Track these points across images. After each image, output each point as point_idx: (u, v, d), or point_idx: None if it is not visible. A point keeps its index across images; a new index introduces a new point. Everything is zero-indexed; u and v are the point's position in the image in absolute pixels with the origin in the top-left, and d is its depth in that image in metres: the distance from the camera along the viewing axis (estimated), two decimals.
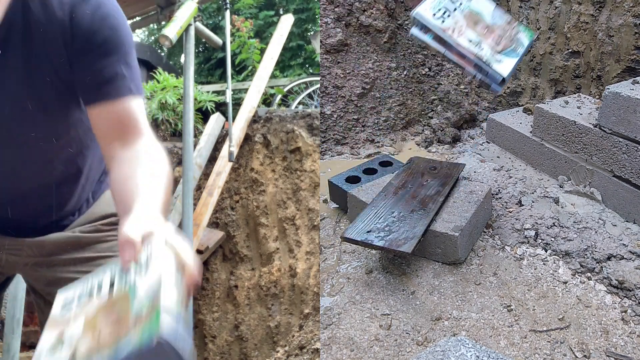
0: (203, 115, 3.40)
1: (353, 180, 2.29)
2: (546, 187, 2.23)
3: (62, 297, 0.78)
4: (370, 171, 2.38)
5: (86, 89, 0.98)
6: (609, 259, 1.80)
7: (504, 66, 1.49)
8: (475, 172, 2.37)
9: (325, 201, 2.46)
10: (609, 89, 1.93)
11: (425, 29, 1.51)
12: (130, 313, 0.64)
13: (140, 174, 0.90)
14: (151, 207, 0.81)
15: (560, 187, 2.21)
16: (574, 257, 1.83)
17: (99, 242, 1.17)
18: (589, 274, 1.78)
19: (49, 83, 0.96)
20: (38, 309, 1.23)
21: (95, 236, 1.16)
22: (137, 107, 1.00)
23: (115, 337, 0.63)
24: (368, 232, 1.77)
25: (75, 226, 1.17)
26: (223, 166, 2.83)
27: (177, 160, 3.01)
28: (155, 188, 0.87)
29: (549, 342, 1.54)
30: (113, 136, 0.98)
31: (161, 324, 0.60)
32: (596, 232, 1.91)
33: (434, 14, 1.50)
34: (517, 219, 2.03)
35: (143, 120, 1.00)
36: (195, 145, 2.87)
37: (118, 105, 0.97)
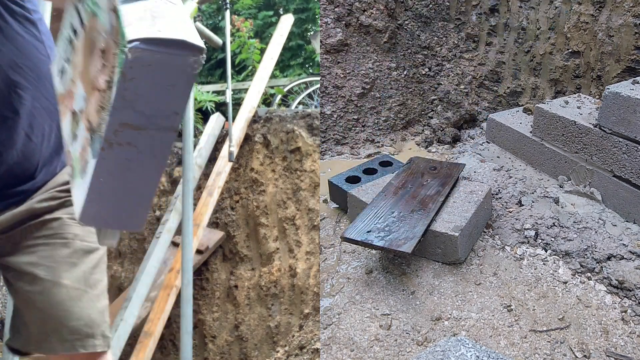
0: (203, 115, 3.40)
1: (353, 180, 2.29)
2: (546, 187, 2.23)
3: (54, 68, 0.70)
4: (370, 171, 2.38)
5: None
6: (609, 259, 1.80)
7: None
8: (475, 172, 2.37)
9: (325, 201, 2.46)
10: (609, 89, 1.93)
11: None
12: (104, 30, 0.56)
13: None
14: None
15: (560, 187, 2.21)
16: (574, 257, 1.83)
17: (57, 209, 1.13)
18: (589, 274, 1.78)
19: None
20: (5, 282, 1.21)
21: (50, 205, 1.12)
22: None
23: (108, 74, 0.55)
24: (368, 232, 1.77)
25: (35, 200, 1.12)
26: (223, 166, 2.83)
27: (177, 160, 3.01)
28: None
29: (549, 342, 1.54)
30: None
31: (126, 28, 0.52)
32: (596, 232, 1.91)
33: None
34: (517, 219, 2.03)
35: None
36: (195, 146, 2.87)
37: None
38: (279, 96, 3.88)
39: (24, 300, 1.17)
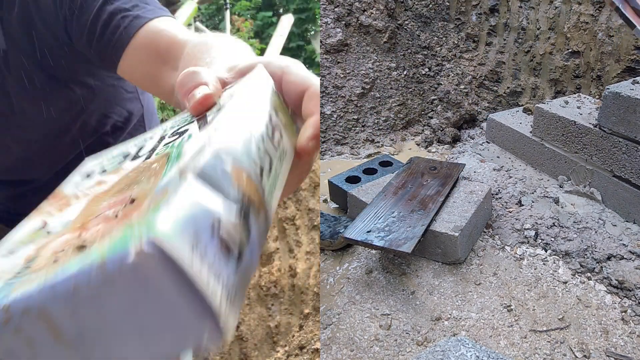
0: None
1: (353, 180, 2.29)
2: (546, 187, 2.23)
3: (86, 166, 0.47)
4: (370, 171, 2.38)
5: (100, 49, 0.80)
6: (609, 259, 1.80)
7: None
8: (475, 172, 2.37)
9: (325, 201, 2.46)
10: (609, 89, 1.93)
11: None
12: (154, 190, 0.31)
13: (215, 46, 0.62)
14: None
15: (560, 187, 2.21)
16: (574, 257, 1.83)
17: None
18: (589, 274, 1.78)
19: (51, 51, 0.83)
20: None
21: None
22: (163, 27, 0.77)
23: (103, 235, 0.30)
24: (368, 232, 1.77)
25: None
26: None
27: None
28: (238, 51, 0.60)
29: (549, 342, 1.54)
30: (156, 69, 0.75)
31: (160, 215, 0.27)
32: (596, 232, 1.91)
33: None
34: (517, 219, 2.03)
35: (180, 32, 0.76)
36: None
37: (139, 43, 0.76)
38: None
39: None
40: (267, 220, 0.33)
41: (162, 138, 0.41)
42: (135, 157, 0.42)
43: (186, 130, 0.39)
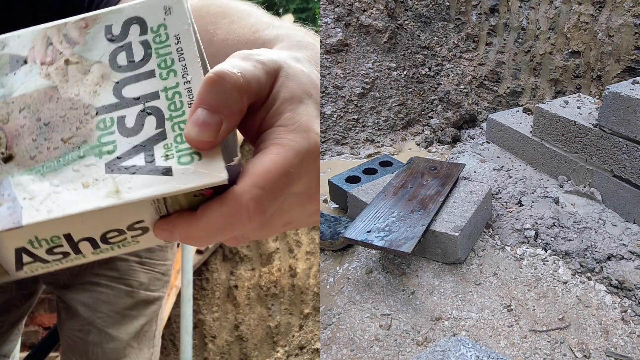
0: None
1: (353, 180, 2.29)
2: (546, 187, 2.23)
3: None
4: (370, 171, 2.38)
5: None
6: (609, 259, 1.80)
7: None
8: (475, 172, 2.37)
9: (325, 201, 2.46)
10: (609, 89, 1.93)
11: None
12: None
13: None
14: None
15: (560, 187, 2.21)
16: (574, 257, 1.83)
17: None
18: (589, 274, 1.78)
19: None
20: (57, 315, 1.15)
21: None
22: None
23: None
24: (368, 232, 1.77)
25: None
26: None
27: None
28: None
29: (549, 342, 1.54)
30: None
31: None
32: (596, 232, 1.91)
33: None
34: (517, 219, 2.03)
35: None
36: None
37: None
38: None
39: (71, 341, 1.11)
40: None
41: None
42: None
43: None
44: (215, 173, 0.39)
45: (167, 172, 0.40)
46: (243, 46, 0.48)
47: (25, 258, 0.43)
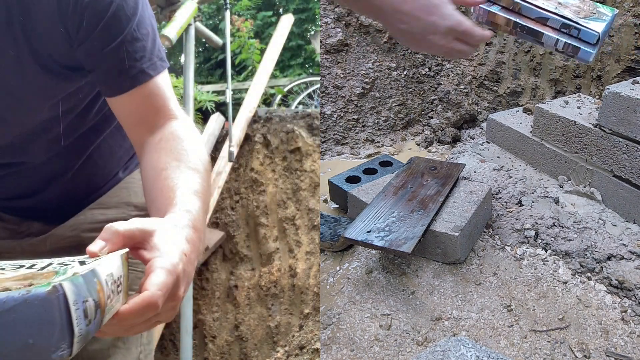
0: (203, 115, 3.40)
1: (353, 180, 2.29)
2: (546, 187, 2.23)
3: None
4: (370, 171, 2.38)
5: (98, 81, 0.87)
6: (609, 259, 1.80)
7: (595, 25, 1.21)
8: (475, 172, 2.37)
9: (325, 201, 2.46)
10: (609, 89, 1.93)
11: (491, 1, 1.32)
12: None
13: (173, 171, 0.77)
14: (184, 220, 0.68)
15: (560, 187, 2.21)
16: (574, 257, 1.83)
17: None
18: (589, 274, 1.78)
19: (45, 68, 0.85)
20: None
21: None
22: (160, 88, 0.87)
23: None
24: (368, 232, 1.77)
25: (95, 206, 1.09)
26: (223, 166, 2.83)
27: None
28: (193, 190, 0.74)
29: (549, 342, 1.54)
30: (139, 123, 0.86)
31: (67, 276, 0.48)
32: (596, 232, 1.91)
33: None
34: (517, 219, 2.03)
35: (170, 100, 0.88)
36: None
37: (137, 95, 0.85)
38: (279, 96, 3.88)
39: None
40: (102, 319, 0.53)
41: (49, 264, 0.58)
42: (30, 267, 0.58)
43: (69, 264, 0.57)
44: None
45: None
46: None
47: None
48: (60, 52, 0.85)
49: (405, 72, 3.16)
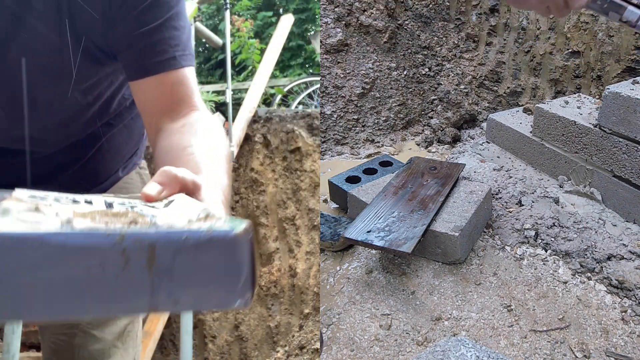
0: None
1: (353, 180, 2.29)
2: (546, 187, 2.23)
3: (36, 192, 0.48)
4: (370, 171, 2.38)
5: (127, 62, 0.86)
6: (609, 259, 1.80)
7: None
8: (475, 172, 2.37)
9: (325, 201, 2.46)
10: (609, 89, 1.93)
11: None
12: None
13: (198, 148, 0.73)
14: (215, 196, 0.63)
15: (560, 187, 2.21)
16: (574, 257, 1.83)
17: None
18: (589, 274, 1.78)
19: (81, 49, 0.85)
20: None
21: None
22: (188, 79, 0.85)
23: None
24: (368, 232, 1.77)
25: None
26: None
27: None
28: (217, 172, 0.70)
29: (549, 342, 1.54)
30: (161, 111, 0.85)
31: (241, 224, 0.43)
32: (596, 232, 1.91)
33: None
34: (517, 219, 2.03)
35: (195, 93, 0.86)
36: None
37: (164, 80, 0.83)
38: (279, 96, 3.88)
39: (54, 345, 1.11)
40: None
41: (110, 204, 0.50)
42: (87, 202, 0.50)
43: (134, 205, 0.51)
44: None
45: None
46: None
47: None
48: (97, 32, 0.83)
49: (405, 72, 3.16)
